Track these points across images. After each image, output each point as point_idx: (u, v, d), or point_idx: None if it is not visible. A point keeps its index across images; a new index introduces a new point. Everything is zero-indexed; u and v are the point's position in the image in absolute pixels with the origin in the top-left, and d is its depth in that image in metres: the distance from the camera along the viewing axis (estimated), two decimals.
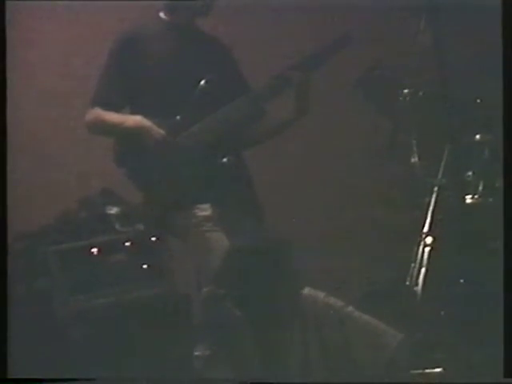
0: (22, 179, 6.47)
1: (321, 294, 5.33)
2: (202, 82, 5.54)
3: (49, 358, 5.62)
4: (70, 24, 7.08)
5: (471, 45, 5.97)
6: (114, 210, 5.81)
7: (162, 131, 5.50)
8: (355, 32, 5.78)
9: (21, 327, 5.61)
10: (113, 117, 5.57)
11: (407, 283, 5.71)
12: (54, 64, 7.03)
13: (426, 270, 5.71)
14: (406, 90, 5.97)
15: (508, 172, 5.00)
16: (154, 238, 5.60)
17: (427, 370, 5.38)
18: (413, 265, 5.69)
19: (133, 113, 5.60)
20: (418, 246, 5.77)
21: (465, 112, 5.89)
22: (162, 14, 5.74)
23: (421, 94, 5.96)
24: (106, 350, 5.36)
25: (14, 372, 5.24)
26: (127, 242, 5.61)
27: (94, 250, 5.61)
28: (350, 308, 5.31)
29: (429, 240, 5.73)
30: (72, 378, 5.20)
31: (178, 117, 5.53)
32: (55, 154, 6.51)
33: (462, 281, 5.60)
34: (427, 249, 5.69)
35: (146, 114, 5.51)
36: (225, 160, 5.50)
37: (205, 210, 5.40)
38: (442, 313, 5.62)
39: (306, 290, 5.28)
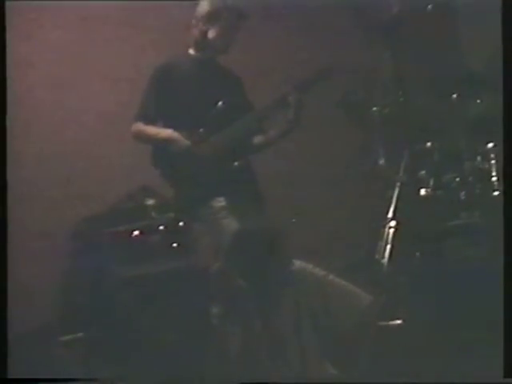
0: (84, 178, 6.70)
1: (309, 266, 5.48)
2: (219, 104, 5.83)
3: (101, 312, 5.73)
4: None
5: (421, 74, 6.34)
6: (151, 202, 6.06)
7: (188, 141, 5.78)
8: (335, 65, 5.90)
9: (84, 290, 6.01)
10: (150, 129, 5.85)
11: (376, 257, 5.91)
12: None
13: (392, 246, 5.88)
14: (374, 108, 6.28)
15: (508, 172, 4.83)
16: (181, 224, 5.86)
17: (390, 322, 5.47)
18: (380, 243, 5.92)
19: (165, 126, 5.85)
20: (385, 227, 5.96)
21: (419, 124, 6.22)
22: (190, 51, 5.99)
23: (386, 111, 6.24)
24: (144, 306, 5.59)
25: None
26: (161, 226, 5.88)
27: (136, 232, 5.88)
28: (331, 276, 5.43)
29: (393, 223, 5.94)
30: (72, 378, 5.12)
31: (200, 129, 5.78)
32: (108, 158, 6.61)
33: (417, 254, 5.92)
34: (392, 230, 5.91)
35: (175, 127, 5.80)
36: (235, 163, 5.79)
37: (220, 202, 5.68)
38: (403, 279, 5.78)
39: (297, 263, 5.41)
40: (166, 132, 5.84)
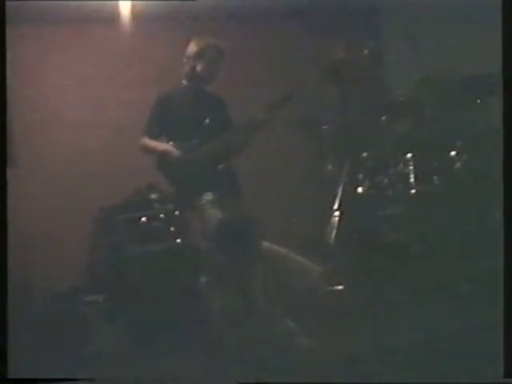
0: (104, 178, 6.85)
1: (273, 245, 5.59)
2: (206, 122, 5.97)
3: (116, 278, 6.00)
4: None
5: (360, 100, 6.25)
6: (154, 196, 6.28)
7: (184, 150, 5.92)
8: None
9: (103, 262, 6.29)
10: (154, 142, 5.99)
11: (325, 238, 6.02)
12: None
13: (336, 231, 6.01)
14: (324, 126, 6.47)
15: (508, 172, 4.64)
16: (177, 213, 6.04)
17: (335, 287, 5.65)
18: (328, 228, 6.04)
19: (166, 140, 5.99)
20: (331, 216, 6.08)
21: (357, 139, 6.25)
22: (183, 82, 6.09)
23: (333, 128, 6.39)
24: (149, 275, 5.83)
25: None
26: (161, 214, 6.07)
27: (143, 219, 6.10)
28: (290, 253, 5.62)
29: (337, 213, 6.08)
30: (72, 378, 4.73)
31: (193, 141, 5.94)
32: (122, 163, 6.76)
33: (355, 236, 5.94)
34: (336, 218, 6.06)
35: (174, 140, 5.96)
36: (220, 167, 5.93)
37: (208, 196, 5.82)
38: (345, 255, 5.88)
39: (265, 243, 5.54)
40: (169, 145, 5.97)
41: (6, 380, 4.38)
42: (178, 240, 6.01)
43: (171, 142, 5.99)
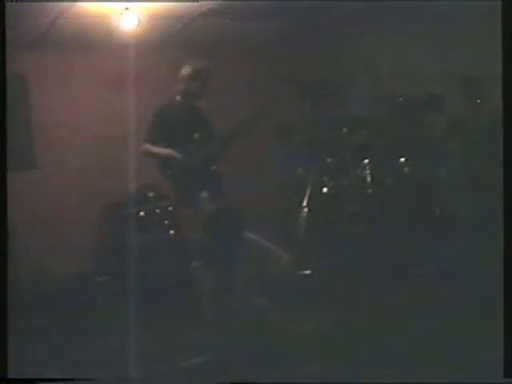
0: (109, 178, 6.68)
1: (251, 234, 5.50)
2: (196, 135, 5.91)
3: (119, 263, 5.96)
4: None
5: (324, 115, 6.42)
6: (151, 194, 6.46)
7: (180, 155, 5.80)
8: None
9: (108, 251, 6.45)
10: (155, 148, 5.86)
11: (295, 230, 6.06)
12: None
13: (305, 224, 6.01)
14: (296, 135, 6.61)
15: (508, 171, 4.22)
16: (170, 208, 6.24)
17: (303, 272, 5.73)
18: (298, 221, 6.05)
19: (164, 146, 5.85)
20: (301, 212, 6.08)
21: (323, 147, 6.46)
22: (178, 98, 6.02)
23: (304, 137, 6.51)
24: (148, 262, 5.97)
25: None
26: (157, 209, 6.27)
27: (142, 213, 6.32)
28: (266, 242, 5.52)
29: (306, 209, 6.08)
30: (71, 378, 4.40)
31: (189, 147, 5.84)
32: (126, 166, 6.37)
33: (322, 228, 6.21)
34: (305, 214, 6.07)
35: (171, 147, 5.83)
36: (210, 169, 5.87)
37: (201, 194, 5.70)
38: (313, 245, 6.00)
39: (245, 233, 5.46)
40: (166, 150, 5.86)
41: (6, 380, 3.96)
42: (171, 231, 6.15)
43: (169, 148, 5.93)
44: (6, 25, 3.90)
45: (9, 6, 3.91)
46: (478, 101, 6.27)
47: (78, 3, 5.88)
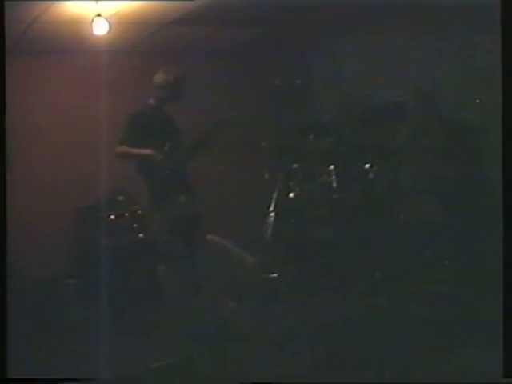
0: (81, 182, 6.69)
1: (215, 238, 5.75)
2: (169, 139, 6.01)
3: (90, 264, 5.94)
4: None
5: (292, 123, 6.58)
6: (121, 198, 6.42)
7: (158, 157, 5.94)
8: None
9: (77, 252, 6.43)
10: (130, 150, 5.98)
11: (262, 234, 5.99)
12: None
13: (272, 228, 5.99)
14: (263, 143, 6.46)
15: (508, 171, 4.16)
16: (139, 212, 6.27)
17: (269, 275, 5.80)
18: (265, 225, 6.00)
19: (140, 147, 5.96)
20: (268, 216, 6.06)
21: (290, 155, 6.40)
22: (150, 102, 6.13)
23: (270, 145, 6.42)
24: (117, 263, 5.80)
25: None
26: (126, 213, 6.23)
27: (112, 216, 6.24)
28: (230, 245, 5.82)
29: (273, 214, 6.06)
30: (72, 378, 4.38)
31: (165, 148, 5.97)
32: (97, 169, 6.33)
33: (288, 232, 6.10)
34: (272, 218, 6.05)
35: (148, 148, 5.94)
36: (181, 173, 5.97)
37: (170, 198, 5.88)
38: (278, 248, 6.00)
39: (211, 236, 5.72)
40: (141, 151, 5.96)
41: (6, 380, 4.05)
42: (141, 235, 6.17)
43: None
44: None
45: None
46: (478, 101, 6.31)
47: (51, 9, 5.87)
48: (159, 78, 6.12)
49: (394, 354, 4.55)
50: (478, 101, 6.27)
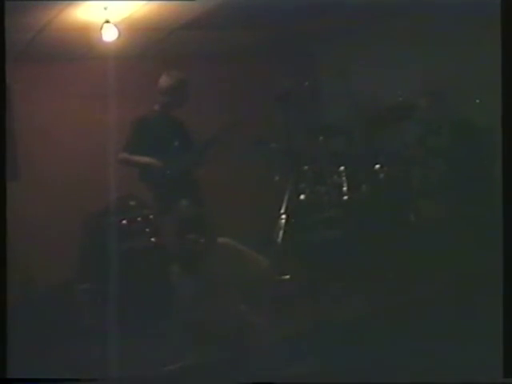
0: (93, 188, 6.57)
1: (231, 241, 5.51)
2: (176, 143, 6.16)
3: (101, 268, 5.81)
4: None
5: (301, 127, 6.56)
6: (133, 203, 6.36)
7: (157, 163, 6.04)
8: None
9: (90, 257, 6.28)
10: (136, 156, 6.09)
11: (273, 236, 5.95)
12: None
13: (283, 230, 5.93)
14: (273, 145, 6.48)
15: (508, 171, 4.14)
16: (151, 216, 6.21)
17: (282, 277, 5.67)
18: (276, 228, 5.96)
19: (142, 154, 6.07)
20: (279, 217, 6.00)
21: (300, 157, 6.49)
22: (156, 108, 6.22)
23: (283, 147, 6.38)
24: (129, 266, 5.84)
25: None
26: (138, 218, 6.19)
27: (124, 221, 6.19)
28: (242, 247, 5.51)
29: (284, 216, 6.01)
30: (71, 378, 4.41)
31: (166, 156, 6.06)
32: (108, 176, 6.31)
33: (299, 234, 6.10)
34: (283, 220, 6.00)
35: (149, 156, 6.05)
36: (191, 176, 6.09)
37: (180, 201, 5.90)
38: (290, 250, 5.95)
39: (223, 239, 5.48)
40: (143, 158, 6.06)
41: (6, 380, 4.01)
42: (153, 239, 6.14)
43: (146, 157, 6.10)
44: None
45: None
46: (478, 101, 6.35)
47: (60, 16, 5.88)
48: (165, 81, 6.18)
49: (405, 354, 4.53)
50: (477, 100, 6.32)
